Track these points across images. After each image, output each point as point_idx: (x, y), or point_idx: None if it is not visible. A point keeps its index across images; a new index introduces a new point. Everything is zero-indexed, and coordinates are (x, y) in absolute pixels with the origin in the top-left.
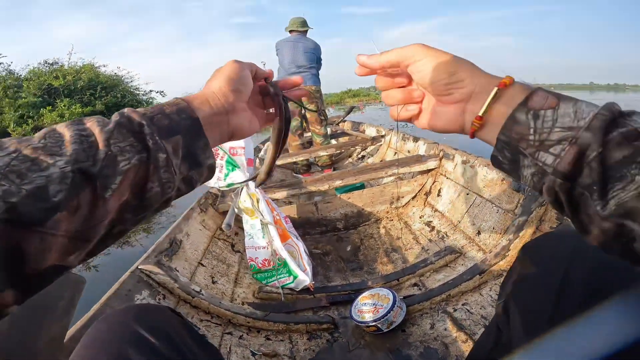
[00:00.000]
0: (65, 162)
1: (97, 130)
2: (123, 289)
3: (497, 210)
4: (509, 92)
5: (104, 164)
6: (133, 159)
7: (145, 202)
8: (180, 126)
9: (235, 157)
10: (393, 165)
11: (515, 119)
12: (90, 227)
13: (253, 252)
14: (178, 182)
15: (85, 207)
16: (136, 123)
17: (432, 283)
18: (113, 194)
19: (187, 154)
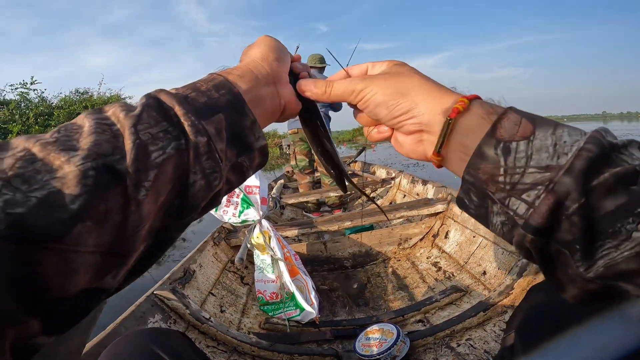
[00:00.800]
0: (83, 157)
1: (121, 116)
2: (138, 311)
3: (502, 252)
4: (468, 120)
5: (134, 156)
6: (168, 148)
7: (189, 201)
8: (220, 103)
9: (250, 195)
10: (401, 209)
11: (482, 155)
12: (125, 239)
13: (262, 285)
14: (226, 171)
15: (115, 213)
16: (168, 104)
17: (437, 319)
18: (148, 193)
19: (233, 136)
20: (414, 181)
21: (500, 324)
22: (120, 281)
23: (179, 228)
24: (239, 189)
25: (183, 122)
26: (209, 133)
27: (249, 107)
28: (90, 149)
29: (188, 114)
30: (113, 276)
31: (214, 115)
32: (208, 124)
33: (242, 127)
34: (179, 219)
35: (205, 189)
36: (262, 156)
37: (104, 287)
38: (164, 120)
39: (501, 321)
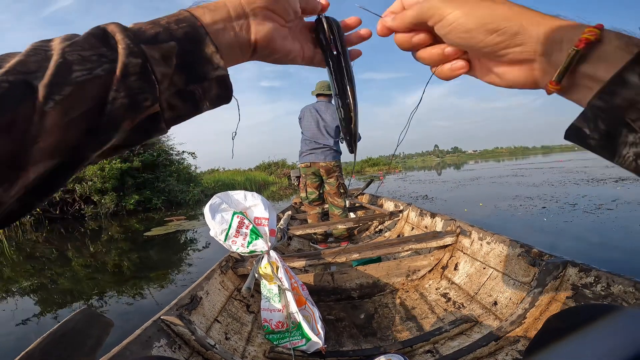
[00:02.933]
0: (2, 73)
1: (57, 41)
2: (144, 335)
3: (513, 282)
4: (602, 51)
5: (51, 71)
6: (97, 70)
7: (105, 118)
8: (176, 34)
9: (259, 227)
10: (410, 242)
11: (623, 81)
12: (23, 150)
13: (268, 314)
14: (167, 95)
15: (20, 123)
16: (111, 33)
17: (447, 350)
18: (56, 106)
19: (184, 64)
20: (422, 214)
21: (513, 353)
22: (17, 197)
23: (95, 147)
24: (248, 220)
25: (118, 45)
26: (146, 55)
27: (211, 39)
28: (13, 66)
29: (126, 39)
30: (5, 189)
31: (163, 43)
32: (151, 48)
33: (198, 56)
34: (94, 136)
35: (127, 108)
36: (220, 87)
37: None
38: (103, 46)
39: (514, 350)
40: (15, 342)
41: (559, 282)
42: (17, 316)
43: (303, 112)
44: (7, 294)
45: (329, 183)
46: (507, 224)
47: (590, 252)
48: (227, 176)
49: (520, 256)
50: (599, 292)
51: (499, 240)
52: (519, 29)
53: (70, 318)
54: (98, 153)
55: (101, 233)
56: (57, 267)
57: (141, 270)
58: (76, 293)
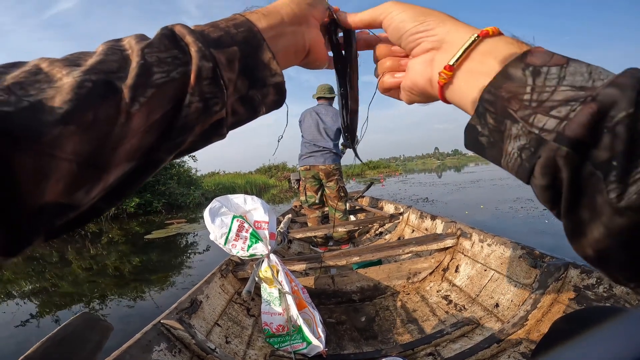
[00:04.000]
0: (84, 71)
1: (133, 42)
2: (144, 339)
3: (514, 284)
4: (495, 43)
5: (135, 72)
6: (173, 72)
7: (181, 121)
8: (236, 38)
9: (259, 230)
10: (410, 244)
11: (508, 75)
12: (106, 151)
13: (268, 318)
14: (233, 101)
15: (102, 124)
16: (180, 34)
17: (449, 352)
18: (141, 108)
19: (246, 69)
20: (423, 216)
21: (515, 355)
22: (95, 200)
23: (169, 149)
24: (247, 224)
25: (191, 48)
26: (216, 60)
27: (268, 44)
28: (94, 65)
29: (197, 41)
30: (86, 191)
31: (227, 47)
32: (218, 52)
33: (257, 61)
34: (169, 139)
35: (201, 112)
36: (277, 93)
37: (73, 203)
38: (175, 48)
39: (516, 352)
40: (15, 346)
41: (560, 284)
42: (17, 319)
43: (303, 115)
44: (8, 297)
45: (329, 186)
46: (508, 226)
47: None
48: (227, 179)
49: (522, 258)
50: (601, 293)
51: (500, 242)
52: (436, 24)
53: (70, 322)
54: (171, 157)
55: (101, 236)
56: (58, 269)
57: (142, 273)
58: (76, 296)
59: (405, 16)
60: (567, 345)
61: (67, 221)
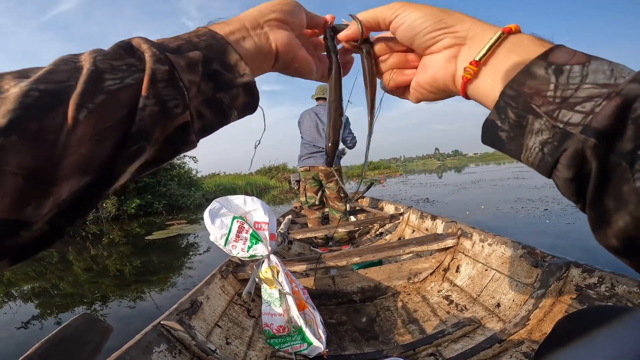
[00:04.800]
0: (32, 81)
1: (86, 54)
2: (144, 340)
3: (516, 284)
4: (518, 40)
5: (84, 79)
6: (128, 79)
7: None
8: (198, 45)
9: (259, 231)
10: (411, 244)
11: (531, 73)
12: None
13: (269, 319)
14: (197, 103)
15: (48, 133)
16: (136, 44)
17: (450, 352)
18: (89, 114)
19: (210, 71)
20: (423, 216)
21: (517, 355)
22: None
23: (126, 160)
24: (247, 225)
25: (145, 54)
26: (172, 63)
27: (232, 47)
28: (43, 75)
29: (152, 47)
30: (35, 207)
31: (187, 52)
32: (177, 57)
33: (222, 63)
34: (125, 147)
35: (158, 115)
36: (247, 95)
37: (23, 220)
38: (131, 57)
39: (518, 352)
40: (16, 347)
41: (562, 283)
42: (18, 320)
43: (302, 117)
44: (8, 298)
45: (329, 187)
46: (509, 227)
47: (593, 254)
48: (227, 180)
49: (523, 257)
50: (603, 292)
51: (501, 241)
52: (455, 21)
53: (69, 323)
54: (131, 168)
55: (102, 237)
56: (58, 270)
57: (142, 274)
58: (77, 297)
59: (419, 15)
60: (572, 346)
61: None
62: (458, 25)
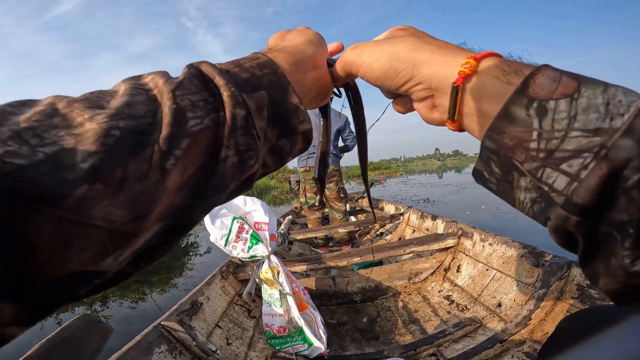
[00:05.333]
0: (109, 115)
1: (160, 82)
2: (144, 340)
3: (517, 284)
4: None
5: (169, 120)
6: (206, 119)
7: (217, 179)
8: (263, 81)
9: (259, 232)
10: (411, 244)
11: (509, 116)
12: (140, 214)
13: (269, 319)
14: (264, 152)
15: (134, 182)
16: (209, 75)
17: (451, 353)
18: (177, 163)
19: (275, 116)
20: (423, 216)
21: (519, 355)
22: (122, 265)
23: (203, 210)
24: (247, 225)
25: (223, 92)
26: (248, 107)
27: (293, 89)
28: (120, 108)
29: (229, 84)
30: (115, 258)
31: (255, 92)
32: (248, 98)
33: (285, 107)
34: (202, 198)
35: (237, 167)
36: (304, 141)
37: (101, 270)
38: (205, 90)
39: (520, 352)
40: (16, 347)
41: (563, 283)
42: None
43: None
44: None
45: (329, 188)
46: (510, 227)
47: None
48: None
49: (524, 257)
50: None
51: (502, 241)
52: (412, 71)
53: (69, 324)
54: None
55: None
56: None
57: (143, 275)
58: None
59: (374, 71)
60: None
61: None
62: (417, 75)
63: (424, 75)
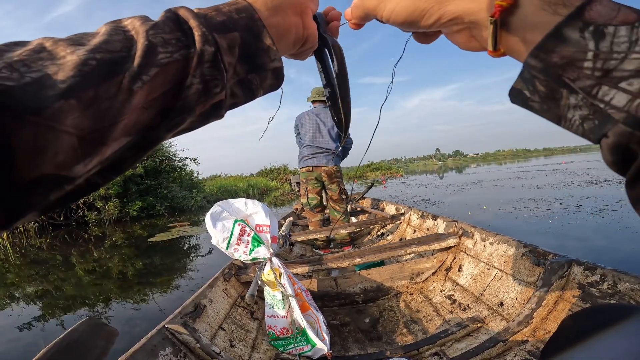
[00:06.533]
0: (88, 50)
1: (137, 24)
2: (149, 344)
3: (518, 282)
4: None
5: (141, 52)
6: (176, 54)
7: (180, 102)
8: (238, 24)
9: (260, 234)
10: (412, 244)
11: (561, 36)
12: (106, 125)
13: (272, 321)
14: (232, 83)
15: (103, 100)
16: (184, 17)
17: (454, 352)
18: (143, 85)
19: (246, 54)
20: (424, 216)
21: (522, 354)
22: (91, 172)
23: (168, 128)
24: (249, 228)
25: (195, 32)
26: (218, 44)
27: (267, 32)
28: (98, 44)
29: (200, 25)
30: (84, 166)
31: (228, 33)
32: (220, 37)
33: (257, 48)
34: (168, 118)
35: (201, 93)
36: (274, 78)
37: (71, 176)
38: (178, 31)
39: (522, 350)
40: (23, 348)
41: (564, 281)
42: (21, 322)
43: (300, 119)
44: (12, 300)
45: (331, 188)
46: (512, 227)
47: (597, 252)
48: (229, 182)
49: (525, 256)
50: (606, 290)
51: (502, 240)
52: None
53: (75, 327)
54: (169, 135)
55: (105, 239)
56: (61, 272)
57: (145, 276)
58: (80, 299)
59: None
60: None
61: (63, 195)
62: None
63: (454, 11)
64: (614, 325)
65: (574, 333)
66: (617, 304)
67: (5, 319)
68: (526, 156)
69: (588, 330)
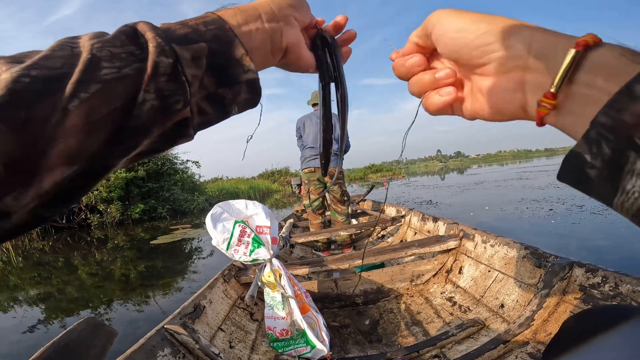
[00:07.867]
0: (24, 67)
1: (86, 38)
2: (148, 344)
3: (519, 285)
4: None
5: (80, 67)
6: (126, 68)
7: (133, 121)
8: (205, 36)
9: (261, 235)
10: (413, 246)
11: (633, 94)
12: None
13: (272, 322)
14: (199, 99)
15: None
16: (141, 31)
17: (454, 354)
18: (80, 104)
19: (215, 66)
20: (425, 219)
21: (523, 356)
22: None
23: (121, 154)
24: (249, 229)
25: (149, 44)
26: (178, 55)
27: (240, 41)
28: (35, 60)
29: (156, 37)
30: (15, 197)
31: (192, 44)
32: (182, 48)
33: (227, 58)
34: (119, 142)
35: (158, 111)
36: (250, 92)
37: (2, 209)
38: (132, 45)
39: (523, 352)
40: (25, 350)
41: (565, 283)
42: (24, 323)
43: (302, 122)
44: (14, 302)
45: (333, 190)
46: (514, 228)
47: (600, 253)
48: (230, 185)
49: (525, 258)
50: (607, 292)
51: (503, 242)
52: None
53: (74, 327)
54: (124, 161)
55: (107, 242)
56: (64, 275)
57: (147, 279)
58: (82, 301)
59: (461, 24)
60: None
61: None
62: (512, 38)
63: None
64: (616, 327)
65: (575, 334)
66: (619, 306)
67: (8, 321)
68: (528, 157)
69: (590, 331)
